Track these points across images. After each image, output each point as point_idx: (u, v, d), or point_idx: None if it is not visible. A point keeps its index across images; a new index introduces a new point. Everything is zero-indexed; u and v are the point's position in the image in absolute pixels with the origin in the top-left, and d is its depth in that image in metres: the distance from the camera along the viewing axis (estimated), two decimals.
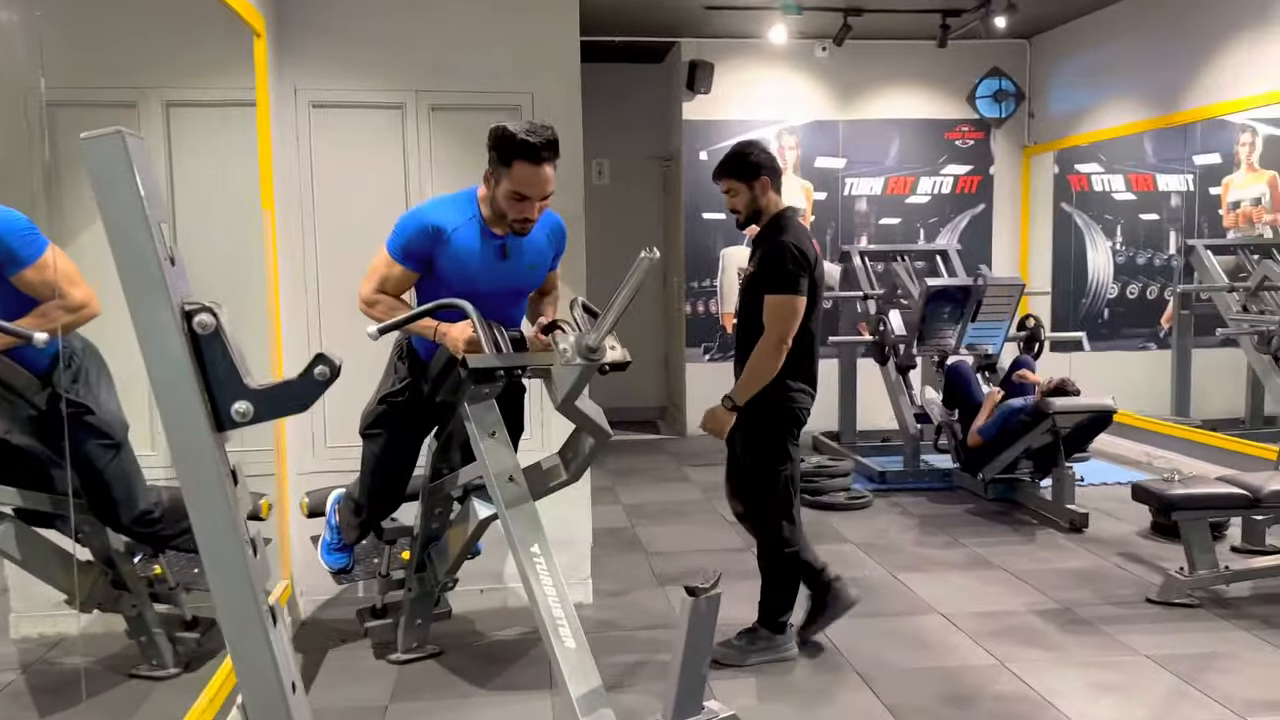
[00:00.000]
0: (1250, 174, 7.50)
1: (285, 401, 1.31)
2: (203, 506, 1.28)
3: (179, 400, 1.26)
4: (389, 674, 3.54)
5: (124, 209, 1.22)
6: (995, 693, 3.35)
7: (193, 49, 3.56)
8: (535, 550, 2.92)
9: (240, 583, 1.29)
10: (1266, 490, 4.10)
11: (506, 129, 2.89)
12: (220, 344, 1.26)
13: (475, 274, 3.04)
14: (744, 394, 3.48)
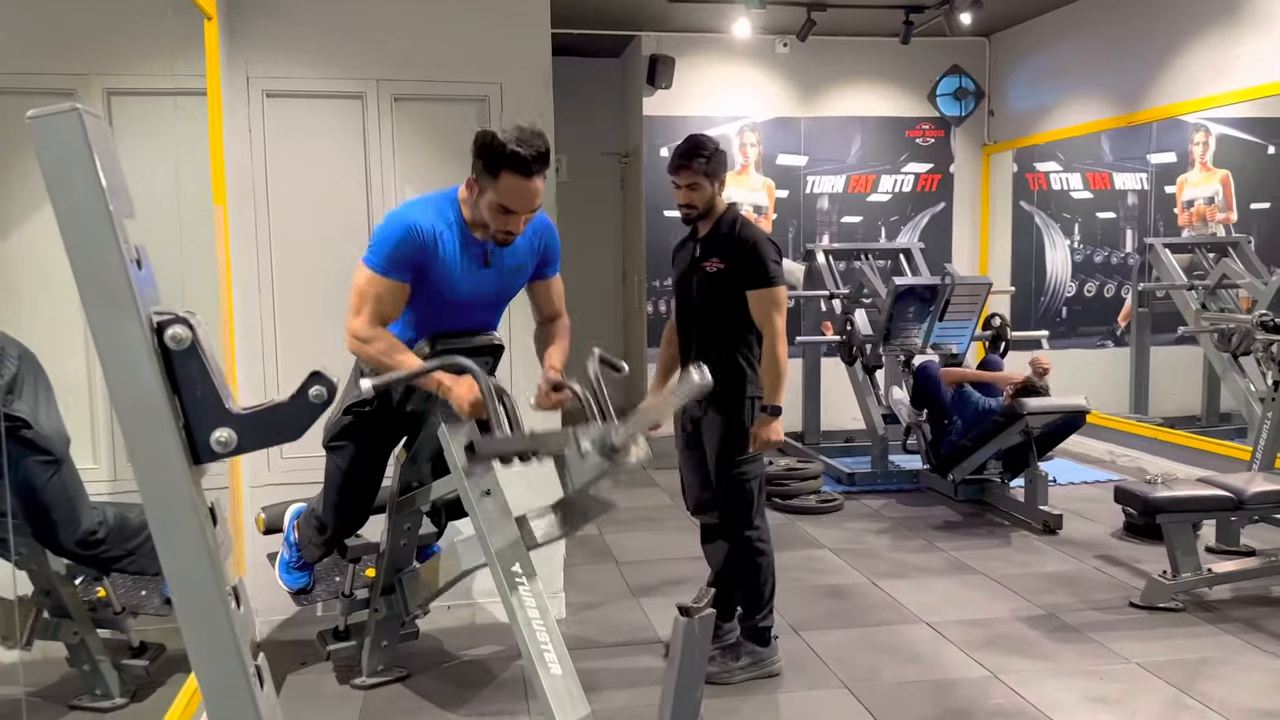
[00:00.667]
0: (1204, 173, 7.56)
1: (274, 428, 1.12)
2: (177, 551, 1.08)
3: (149, 428, 1.06)
4: (354, 700, 3.33)
5: (82, 202, 1.01)
6: (992, 707, 3.24)
7: (137, 32, 3.31)
8: (517, 570, 2.72)
9: (221, 638, 1.10)
10: (1250, 492, 4.06)
11: (495, 136, 2.63)
12: (198, 361, 1.07)
13: (456, 283, 2.81)
14: (779, 395, 3.41)
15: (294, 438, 1.14)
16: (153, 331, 1.06)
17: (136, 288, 1.05)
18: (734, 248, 3.41)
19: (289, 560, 3.42)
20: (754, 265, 3.38)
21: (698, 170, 3.41)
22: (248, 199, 3.72)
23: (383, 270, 2.70)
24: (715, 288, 3.44)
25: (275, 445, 1.17)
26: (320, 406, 1.11)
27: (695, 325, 3.53)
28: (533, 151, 2.63)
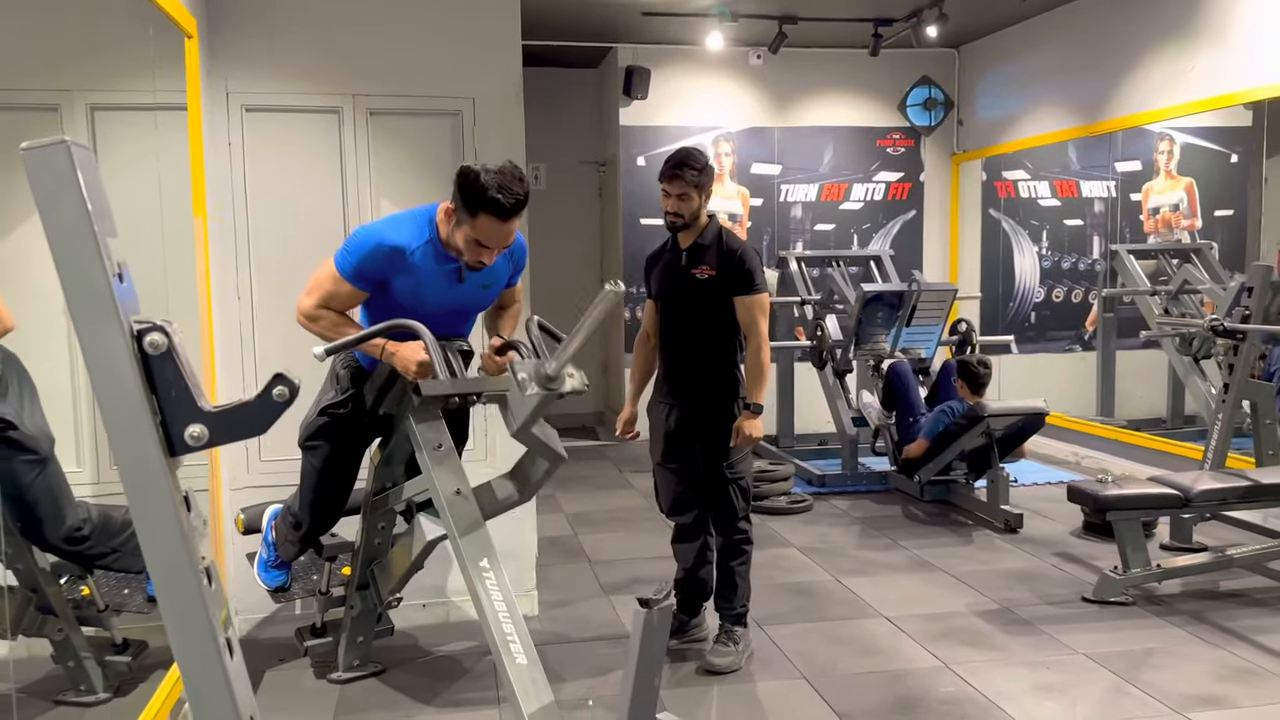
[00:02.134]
0: (1169, 180, 7.76)
1: (242, 424, 1.25)
2: (155, 535, 1.21)
3: (129, 424, 1.19)
4: (330, 694, 3.45)
5: (69, 224, 1.15)
6: (942, 695, 3.39)
7: (120, 50, 3.43)
8: (485, 565, 2.86)
9: (195, 615, 1.23)
10: (1196, 490, 4.22)
11: (478, 179, 2.76)
12: (173, 364, 1.20)
13: (428, 296, 2.96)
14: (761, 392, 3.60)
15: (259, 432, 1.27)
16: (133, 338, 1.19)
17: (119, 299, 1.18)
18: (722, 257, 3.60)
19: (267, 559, 3.54)
20: (742, 273, 3.58)
21: (689, 182, 3.57)
22: (227, 210, 3.84)
23: (346, 274, 2.87)
24: (704, 294, 3.61)
25: (243, 439, 1.30)
26: (283, 405, 1.25)
27: (682, 330, 3.70)
28: (512, 200, 2.78)
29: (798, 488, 6.21)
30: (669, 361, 3.75)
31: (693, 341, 3.67)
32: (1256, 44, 5.53)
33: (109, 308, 1.16)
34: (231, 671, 1.25)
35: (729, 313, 3.60)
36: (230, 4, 3.79)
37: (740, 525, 3.67)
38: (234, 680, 1.26)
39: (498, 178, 2.77)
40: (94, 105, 3.50)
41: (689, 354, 3.68)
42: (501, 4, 4.04)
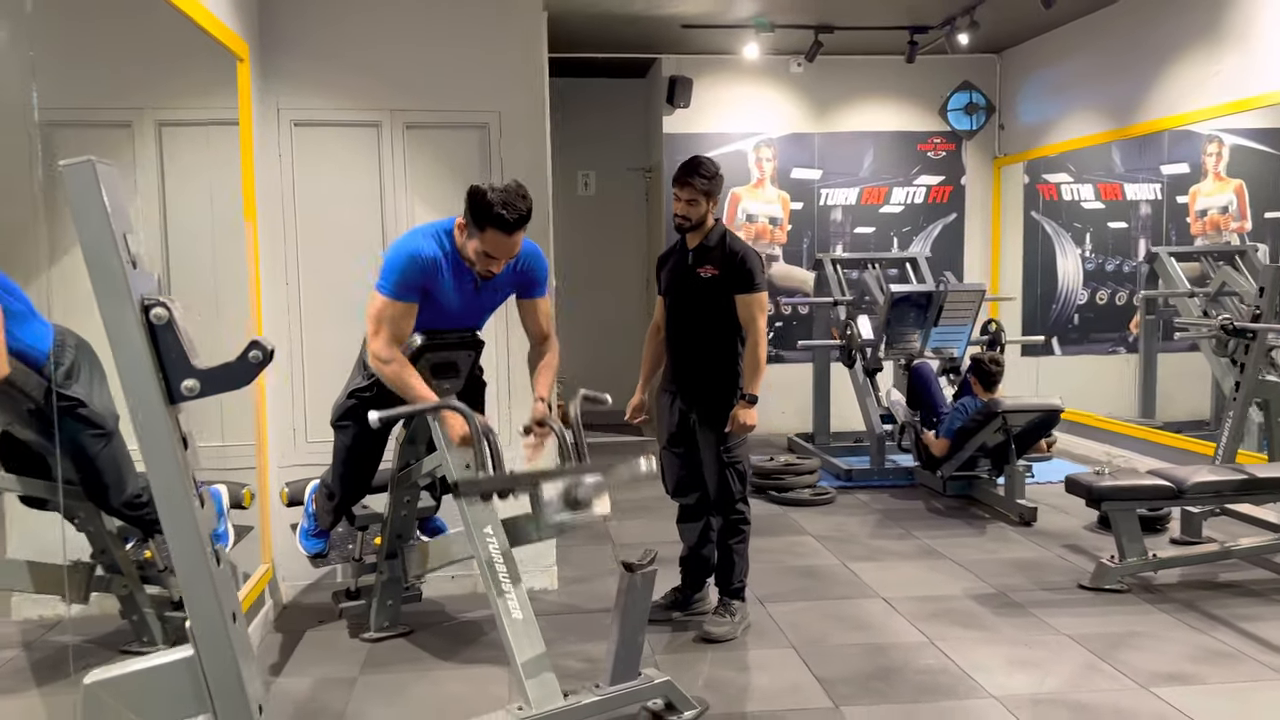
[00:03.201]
0: (1217, 182, 7.76)
1: (225, 380, 1.59)
2: (159, 465, 1.56)
3: (139, 378, 1.54)
4: (361, 650, 3.82)
5: (94, 223, 1.50)
6: (920, 666, 3.62)
7: (182, 73, 3.86)
8: (489, 531, 3.20)
9: (189, 528, 1.57)
10: (1190, 482, 4.36)
11: (485, 196, 3.08)
12: (172, 333, 1.54)
13: (449, 303, 3.33)
14: (757, 384, 3.88)
15: (240, 386, 1.61)
16: (141, 311, 1.54)
17: (131, 282, 1.53)
18: (725, 258, 3.89)
19: (307, 529, 3.94)
20: (742, 273, 3.87)
21: (698, 188, 3.88)
22: (277, 215, 4.25)
23: (394, 295, 3.20)
24: (708, 291, 3.91)
25: (227, 392, 1.63)
26: (257, 365, 1.58)
27: (687, 324, 4.00)
28: (515, 215, 3.12)
29: (825, 482, 6.44)
30: (674, 353, 4.05)
31: (696, 335, 3.96)
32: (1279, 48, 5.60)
33: (123, 288, 1.51)
34: (216, 574, 1.59)
35: (730, 310, 3.89)
36: (281, 30, 4.20)
37: (738, 507, 3.95)
38: (218, 581, 1.60)
39: (502, 195, 3.11)
40: (161, 121, 3.96)
41: (692, 346, 3.98)
42: (526, 26, 4.39)
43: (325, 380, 3.96)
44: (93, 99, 3.73)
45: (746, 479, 3.99)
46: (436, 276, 3.25)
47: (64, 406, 3.09)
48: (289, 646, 3.88)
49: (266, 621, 4.06)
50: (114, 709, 1.59)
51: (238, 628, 1.65)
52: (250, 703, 1.64)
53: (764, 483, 6.23)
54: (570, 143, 8.63)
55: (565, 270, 8.22)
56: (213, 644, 1.61)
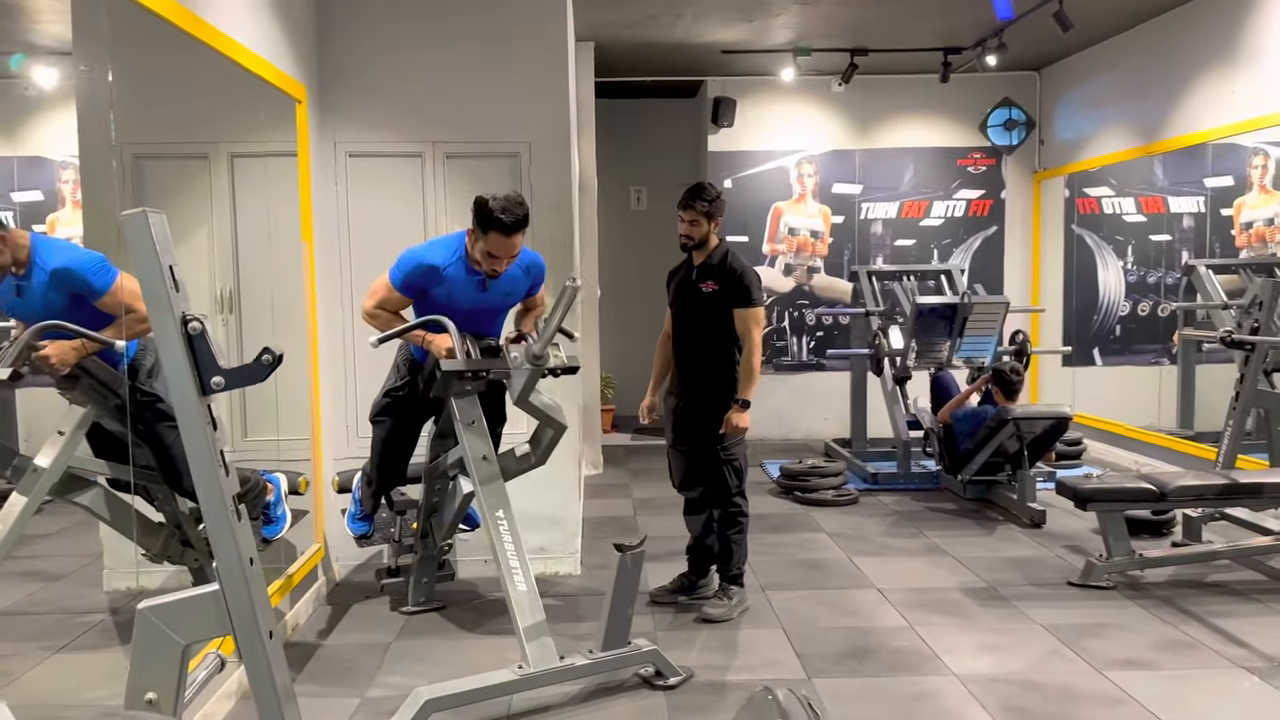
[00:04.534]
0: (1263, 195, 7.84)
1: (245, 377, 2.07)
2: (194, 441, 2.05)
3: (179, 375, 2.03)
4: (398, 621, 4.32)
5: (146, 258, 1.99)
6: (894, 647, 3.96)
7: (251, 111, 4.43)
8: (500, 515, 3.67)
9: (216, 490, 2.06)
10: (1172, 486, 4.60)
11: (488, 204, 3.58)
12: (204, 340, 2.03)
13: (459, 300, 3.82)
14: (750, 390, 4.27)
15: (257, 382, 2.09)
16: (181, 324, 2.03)
17: (173, 301, 2.02)
18: (725, 274, 4.30)
19: (354, 513, 4.46)
20: (740, 289, 4.27)
21: (700, 210, 4.32)
22: (333, 235, 4.80)
23: (395, 285, 3.78)
24: (708, 304, 4.33)
25: (248, 386, 2.11)
26: (269, 366, 2.06)
27: (690, 334, 4.42)
28: (512, 218, 3.63)
29: (853, 484, 6.76)
30: (679, 359, 4.46)
31: (697, 344, 4.37)
32: None
33: (168, 306, 2.00)
34: (237, 527, 2.07)
35: (728, 322, 4.29)
36: (337, 71, 4.76)
37: (734, 500, 4.34)
38: (239, 532, 2.08)
39: (502, 202, 3.62)
40: (234, 153, 4.53)
41: (694, 354, 4.39)
42: (552, 64, 4.87)
43: (373, 384, 4.45)
44: (176, 135, 4.31)
45: (743, 475, 4.38)
46: (438, 281, 3.77)
47: (146, 401, 3.63)
48: (336, 617, 4.40)
49: (319, 595, 4.59)
50: (159, 628, 2.08)
51: (254, 569, 2.12)
52: (261, 629, 2.12)
53: (790, 484, 6.59)
54: (623, 160, 9.13)
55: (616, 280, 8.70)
56: (233, 581, 2.09)
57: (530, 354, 3.53)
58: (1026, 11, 6.50)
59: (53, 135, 3.79)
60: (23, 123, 3.79)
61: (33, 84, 3.77)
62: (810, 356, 8.81)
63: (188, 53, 3.66)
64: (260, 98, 4.29)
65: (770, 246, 8.76)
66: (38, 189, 3.78)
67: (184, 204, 4.29)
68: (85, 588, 4.09)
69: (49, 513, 4.08)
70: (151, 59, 3.92)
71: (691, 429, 4.38)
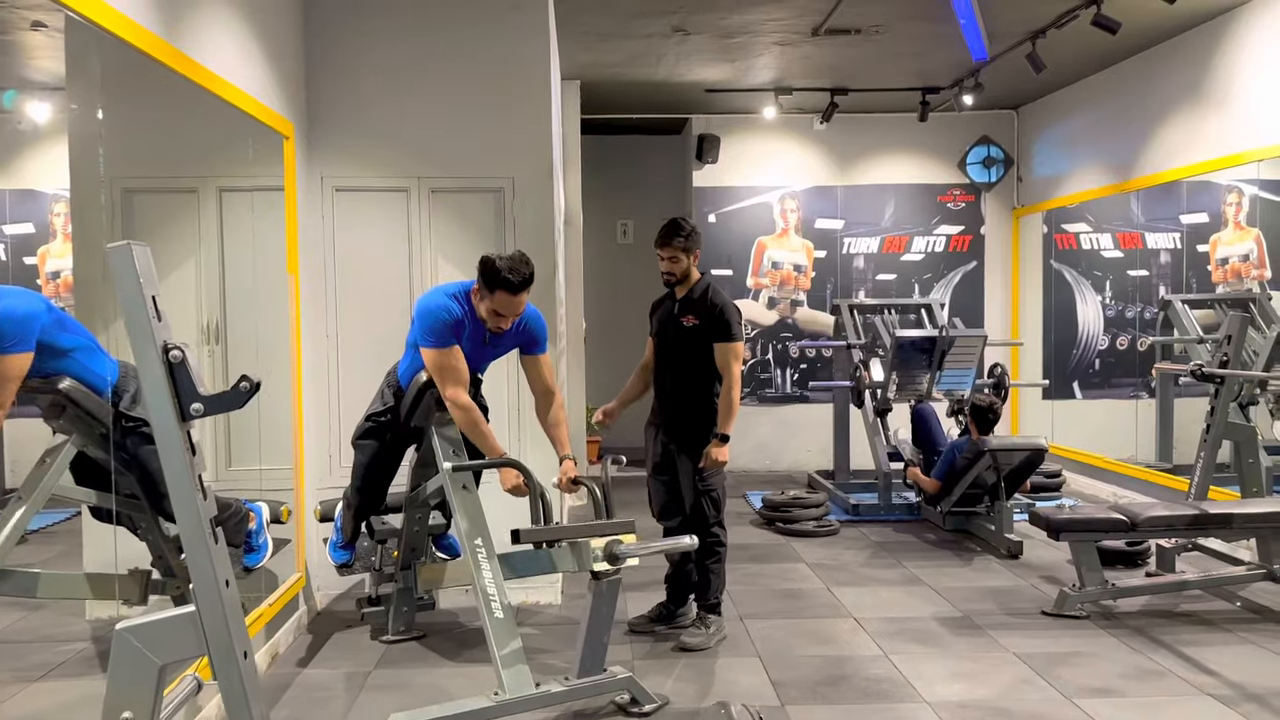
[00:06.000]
0: (1238, 231, 8.00)
1: (223, 404, 2.14)
2: (172, 466, 2.11)
3: (160, 401, 2.10)
4: (378, 650, 4.35)
5: (130, 288, 2.07)
6: (868, 675, 4.01)
7: (240, 147, 4.52)
8: (479, 543, 3.73)
9: (194, 514, 2.12)
10: (1143, 517, 4.68)
11: (495, 264, 3.69)
12: (184, 368, 2.10)
13: (467, 353, 3.91)
14: (729, 424, 4.34)
15: (235, 409, 2.16)
16: (163, 351, 2.10)
17: (155, 330, 2.10)
18: (706, 309, 4.39)
19: (336, 541, 4.51)
20: (720, 324, 4.37)
21: (677, 247, 4.42)
22: (319, 268, 4.89)
23: (443, 345, 3.82)
24: (689, 338, 4.41)
25: (226, 412, 2.18)
26: (246, 393, 2.14)
27: (671, 366, 4.50)
28: (519, 278, 3.75)
29: (835, 516, 6.82)
30: (659, 391, 4.54)
31: (677, 376, 4.45)
32: (1257, 108, 5.92)
33: (149, 335, 2.08)
34: (213, 549, 2.14)
35: (708, 356, 4.38)
36: (325, 108, 4.87)
37: (712, 530, 4.40)
38: (215, 555, 2.14)
39: (509, 262, 3.73)
40: (222, 187, 4.61)
41: (674, 386, 4.47)
42: (535, 102, 4.99)
43: (355, 414, 4.52)
44: (166, 170, 4.40)
45: (721, 505, 4.44)
46: (461, 330, 3.86)
47: (130, 426, 3.68)
48: (316, 645, 4.43)
49: (300, 624, 4.62)
50: (136, 648, 2.13)
51: (230, 591, 2.18)
52: (236, 649, 2.18)
53: (772, 514, 6.65)
54: (610, 194, 9.27)
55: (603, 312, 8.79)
56: (209, 602, 2.15)
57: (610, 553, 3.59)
58: (1001, 53, 6.67)
59: (45, 169, 3.88)
60: (15, 156, 3.86)
61: (26, 118, 3.85)
62: (794, 389, 8.90)
63: (177, 90, 3.76)
64: (248, 134, 4.39)
65: (754, 280, 8.87)
66: (29, 222, 3.86)
67: (173, 237, 4.36)
68: (67, 616, 4.11)
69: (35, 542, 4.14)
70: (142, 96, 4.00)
71: (671, 460, 4.45)
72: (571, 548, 3.66)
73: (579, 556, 3.64)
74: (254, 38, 4.23)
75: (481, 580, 3.64)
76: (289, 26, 4.71)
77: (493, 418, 4.79)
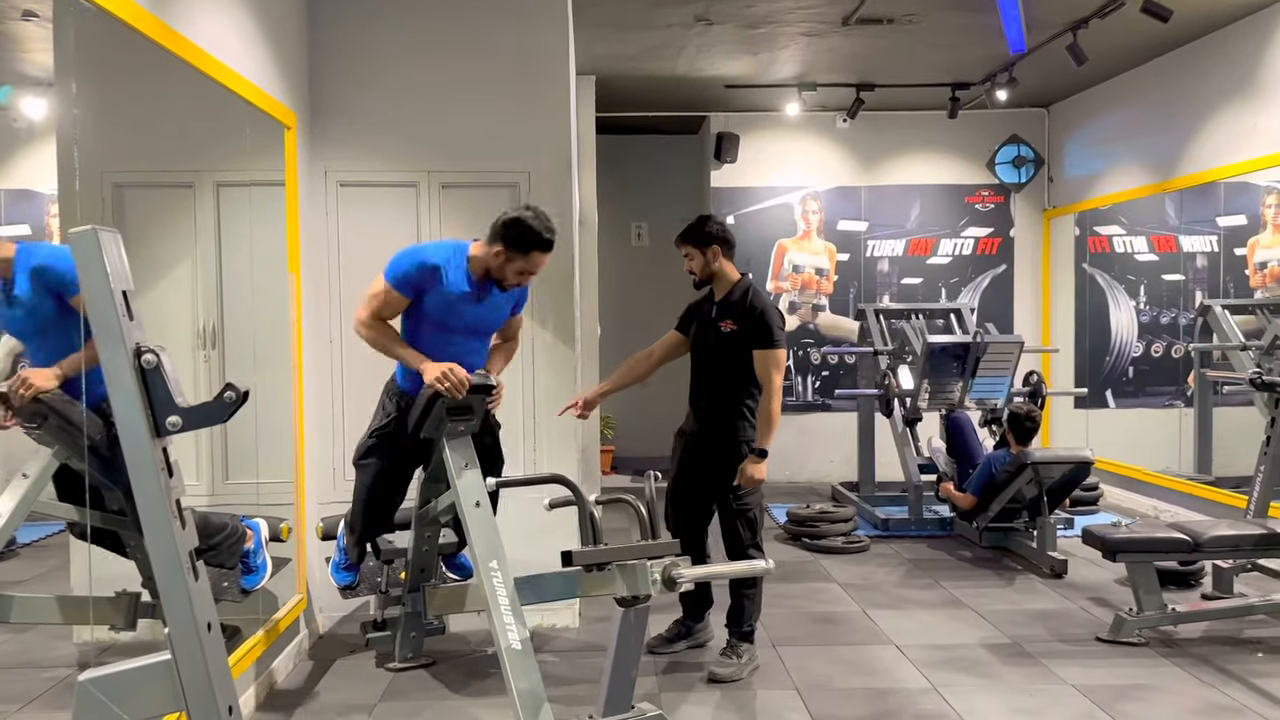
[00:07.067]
0: (1277, 234, 7.66)
1: (204, 417, 1.83)
2: (144, 490, 1.80)
3: (130, 414, 1.79)
4: (384, 680, 4.04)
5: (95, 281, 1.77)
6: (917, 711, 3.68)
7: (238, 139, 4.22)
8: (494, 566, 3.40)
9: (169, 544, 1.81)
10: (1207, 536, 4.34)
11: (528, 224, 3.50)
12: (159, 375, 1.79)
13: (453, 312, 3.62)
14: (769, 439, 4.03)
15: (218, 423, 1.85)
16: (134, 355, 1.79)
17: (125, 331, 1.79)
18: (746, 314, 4.09)
19: (339, 562, 4.18)
20: (761, 330, 4.05)
21: (691, 244, 4.16)
22: (322, 267, 4.58)
23: (394, 284, 3.57)
24: (727, 344, 4.10)
25: (207, 427, 1.87)
26: (231, 405, 1.82)
27: (707, 374, 4.20)
28: (552, 235, 3.57)
29: (863, 531, 6.49)
30: (693, 398, 4.22)
31: (713, 385, 4.15)
32: None
33: (118, 336, 1.77)
34: (193, 587, 1.82)
35: (747, 363, 4.06)
36: (329, 99, 4.57)
37: (748, 553, 4.07)
38: (194, 594, 1.83)
39: (539, 221, 3.53)
40: (219, 182, 4.31)
41: (709, 395, 4.16)
42: (553, 93, 4.69)
43: (361, 423, 4.21)
44: (160, 163, 4.11)
45: (757, 528, 4.11)
46: (436, 284, 3.57)
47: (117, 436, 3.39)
48: (318, 673, 4.12)
49: (300, 649, 4.31)
50: (102, 704, 1.82)
51: (212, 636, 1.87)
52: (220, 706, 1.86)
53: (798, 530, 6.33)
54: (624, 196, 8.96)
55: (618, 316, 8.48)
56: (187, 650, 1.84)
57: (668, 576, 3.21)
58: (1038, 45, 6.35)
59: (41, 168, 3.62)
60: (11, 155, 3.61)
61: (21, 115, 3.61)
62: (816, 397, 8.57)
63: (171, 77, 3.47)
64: (247, 123, 4.09)
65: (774, 284, 8.55)
66: (26, 223, 3.60)
67: (167, 235, 4.08)
68: (54, 639, 3.82)
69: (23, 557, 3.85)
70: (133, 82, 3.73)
71: (699, 473, 4.13)
72: (621, 570, 3.31)
73: (631, 580, 3.30)
74: (253, 17, 3.94)
75: (498, 608, 3.32)
76: (291, 5, 4.41)
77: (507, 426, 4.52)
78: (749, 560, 3.36)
